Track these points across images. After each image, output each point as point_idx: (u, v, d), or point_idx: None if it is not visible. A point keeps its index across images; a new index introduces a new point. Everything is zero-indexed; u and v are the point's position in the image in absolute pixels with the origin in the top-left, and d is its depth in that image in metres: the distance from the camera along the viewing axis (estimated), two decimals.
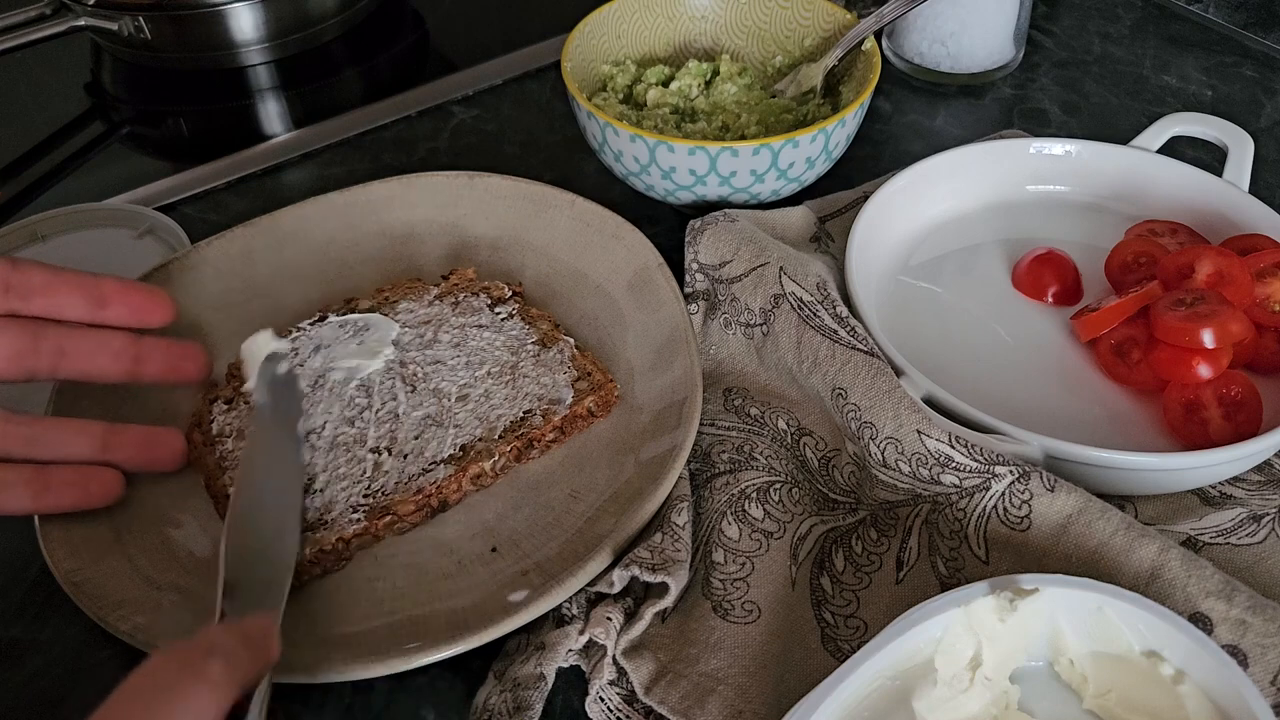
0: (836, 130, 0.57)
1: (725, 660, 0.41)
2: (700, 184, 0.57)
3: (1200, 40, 0.79)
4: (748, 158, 0.55)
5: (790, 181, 0.58)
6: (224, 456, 0.47)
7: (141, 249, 0.61)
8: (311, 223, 0.58)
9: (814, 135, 0.56)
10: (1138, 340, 0.51)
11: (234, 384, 0.51)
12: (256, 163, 0.69)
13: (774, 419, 0.50)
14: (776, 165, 0.56)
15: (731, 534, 0.45)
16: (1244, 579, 0.42)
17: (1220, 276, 0.51)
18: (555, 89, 0.76)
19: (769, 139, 0.55)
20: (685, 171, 0.56)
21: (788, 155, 0.56)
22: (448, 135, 0.72)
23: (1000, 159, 0.61)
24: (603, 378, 0.50)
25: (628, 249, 0.56)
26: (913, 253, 0.59)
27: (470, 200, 0.60)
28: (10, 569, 0.46)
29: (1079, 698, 0.39)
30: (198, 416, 0.50)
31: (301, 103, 0.77)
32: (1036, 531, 0.43)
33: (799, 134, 0.55)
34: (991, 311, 0.56)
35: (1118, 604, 0.37)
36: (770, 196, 0.59)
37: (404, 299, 0.54)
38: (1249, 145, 0.59)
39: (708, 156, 0.55)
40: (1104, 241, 0.57)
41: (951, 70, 0.74)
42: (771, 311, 0.51)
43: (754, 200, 0.59)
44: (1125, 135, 0.62)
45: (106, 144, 0.73)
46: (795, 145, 0.56)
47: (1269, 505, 0.46)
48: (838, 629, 0.43)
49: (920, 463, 0.45)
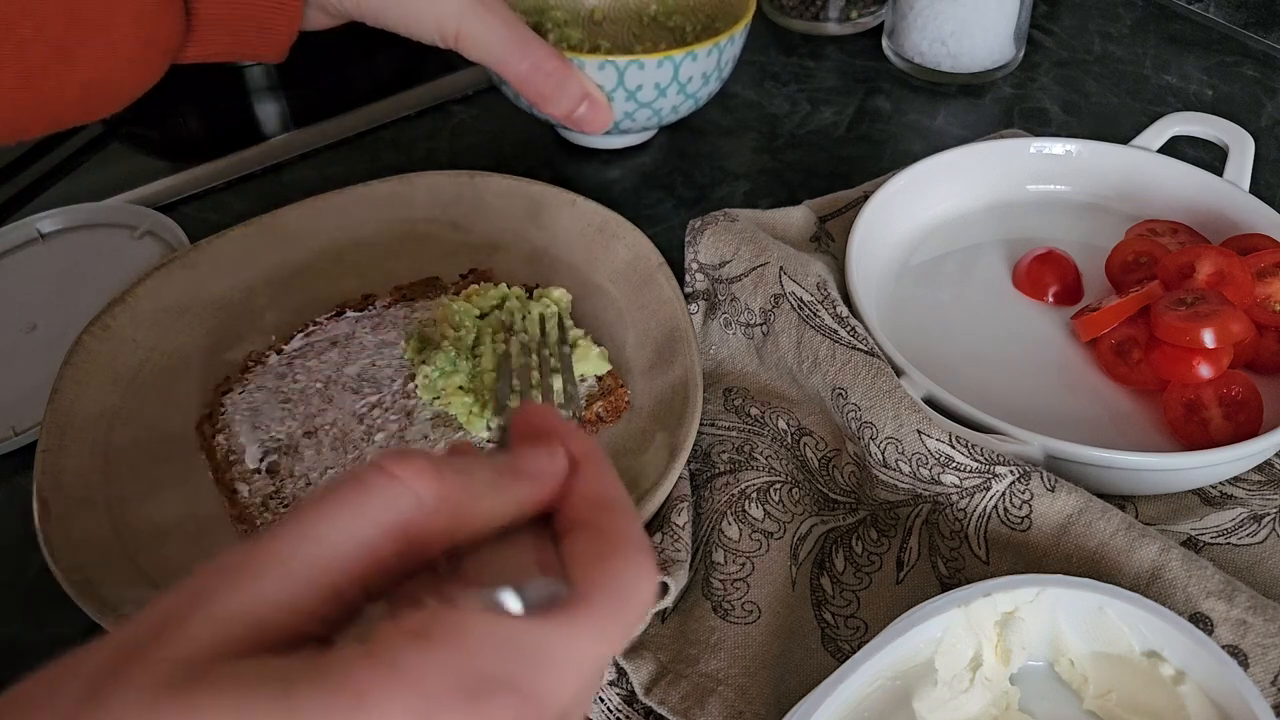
0: (728, 47, 0.62)
1: (725, 660, 0.41)
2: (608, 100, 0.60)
3: (1201, 40, 0.79)
4: (653, 70, 0.59)
5: (688, 99, 0.63)
6: (233, 449, 0.48)
7: (141, 249, 0.61)
8: (311, 222, 0.58)
9: (709, 49, 0.61)
10: (1138, 340, 0.51)
11: (244, 377, 0.51)
12: (256, 163, 0.69)
13: (774, 419, 0.50)
14: (678, 79, 0.61)
15: (731, 534, 0.45)
16: (1244, 579, 0.42)
17: (1221, 276, 0.51)
18: None
19: (670, 51, 0.59)
20: None
21: (687, 69, 0.61)
22: (448, 135, 0.72)
23: (1000, 159, 0.61)
24: (613, 383, 0.50)
25: (628, 249, 0.56)
26: (913, 253, 0.59)
27: (470, 200, 0.60)
28: (10, 569, 0.46)
29: (1079, 698, 0.39)
30: (208, 408, 0.50)
31: (301, 103, 0.77)
32: (1037, 532, 0.43)
33: (697, 47, 0.60)
34: (992, 311, 0.56)
35: (1118, 604, 0.37)
36: (670, 115, 0.63)
37: (421, 297, 0.55)
38: (1249, 145, 0.59)
39: (616, 70, 0.58)
40: (1104, 241, 0.57)
41: (952, 70, 0.74)
42: (771, 311, 0.51)
43: (656, 119, 0.63)
44: (1126, 135, 0.62)
45: (106, 144, 0.73)
46: (694, 59, 0.60)
47: (1269, 505, 0.46)
48: (838, 629, 0.43)
49: (920, 463, 0.44)
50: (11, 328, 0.57)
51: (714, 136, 0.71)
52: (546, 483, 0.26)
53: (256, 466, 0.47)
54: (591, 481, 0.26)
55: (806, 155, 0.69)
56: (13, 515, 0.48)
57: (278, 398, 0.50)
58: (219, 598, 0.21)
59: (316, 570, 0.22)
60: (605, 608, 0.23)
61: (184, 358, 0.52)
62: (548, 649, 0.22)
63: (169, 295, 0.54)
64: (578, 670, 0.23)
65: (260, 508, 0.45)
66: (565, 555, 0.25)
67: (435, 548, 0.24)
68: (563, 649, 0.22)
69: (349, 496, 0.23)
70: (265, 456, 0.47)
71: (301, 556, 0.22)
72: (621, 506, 0.26)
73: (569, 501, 0.26)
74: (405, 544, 0.23)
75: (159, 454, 0.48)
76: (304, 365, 0.51)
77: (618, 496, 0.26)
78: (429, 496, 0.23)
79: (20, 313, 0.57)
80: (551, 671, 0.22)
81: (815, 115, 0.73)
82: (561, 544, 0.25)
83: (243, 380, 0.51)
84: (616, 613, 0.24)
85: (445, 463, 0.24)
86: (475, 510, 0.24)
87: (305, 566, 0.21)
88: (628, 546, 0.25)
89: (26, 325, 0.57)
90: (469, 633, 0.21)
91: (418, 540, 0.23)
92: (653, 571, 0.25)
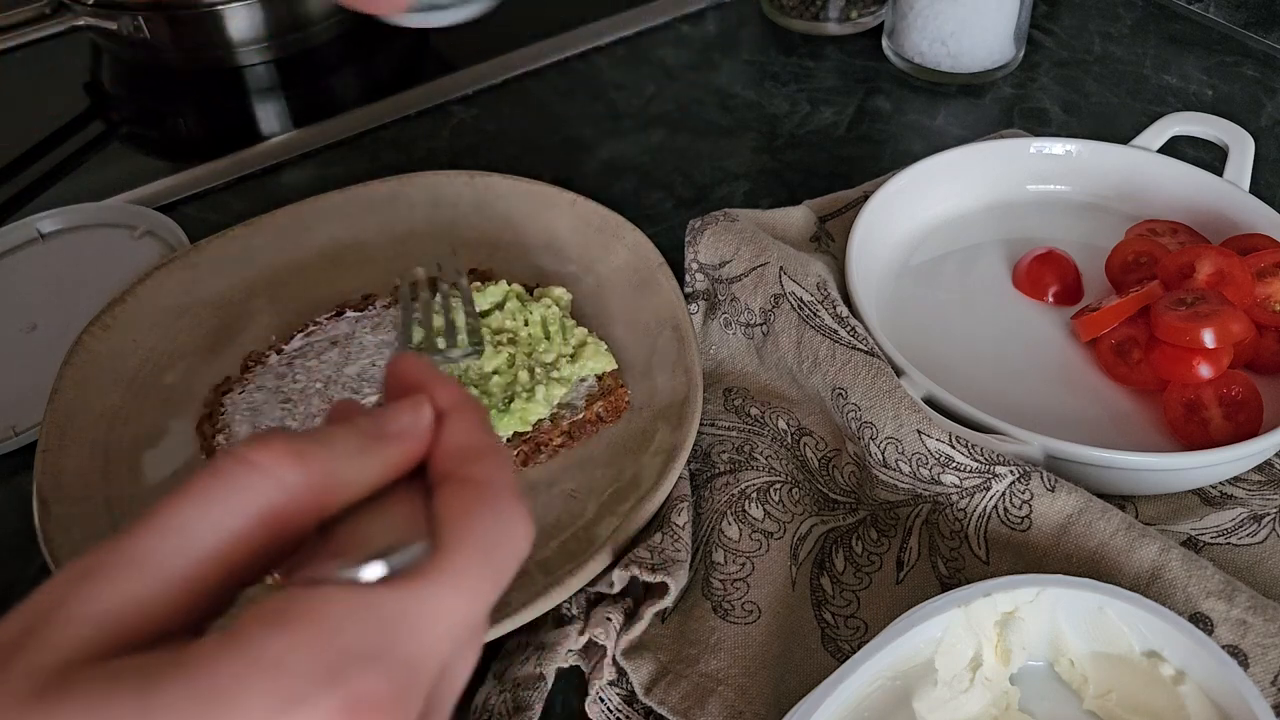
0: None
1: (725, 661, 0.41)
2: None
3: (1201, 40, 0.79)
4: None
5: None
6: None
7: (141, 249, 0.61)
8: (311, 222, 0.58)
9: None
10: (1138, 340, 0.51)
11: (244, 377, 0.51)
12: (256, 163, 0.69)
13: (774, 419, 0.50)
14: None
15: (731, 534, 0.45)
16: (1244, 579, 0.42)
17: (1221, 276, 0.51)
18: (555, 88, 0.76)
19: None
20: None
21: None
22: (447, 135, 0.72)
23: (1000, 159, 0.61)
24: (613, 383, 0.50)
25: (628, 249, 0.56)
26: (913, 253, 0.59)
27: (470, 200, 0.60)
28: (10, 569, 0.46)
29: (1079, 698, 0.39)
30: (208, 408, 0.50)
31: (301, 102, 0.77)
32: (1037, 532, 0.43)
33: None
34: (992, 311, 0.56)
35: (1118, 604, 0.37)
36: None
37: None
38: (1249, 145, 0.59)
39: None
40: (1104, 241, 0.57)
41: (952, 70, 0.74)
42: (771, 311, 0.51)
43: None
44: (1126, 135, 0.62)
45: (106, 144, 0.73)
46: None
47: (1269, 505, 0.46)
48: (838, 629, 0.43)
49: (920, 463, 0.44)
50: (11, 328, 0.57)
51: (714, 136, 0.71)
52: (412, 442, 0.25)
53: None
54: (459, 432, 0.26)
55: (806, 155, 0.69)
56: (13, 515, 0.48)
57: (278, 398, 0.50)
58: (79, 599, 0.20)
59: (177, 565, 0.21)
60: (469, 561, 0.23)
61: (184, 358, 0.52)
62: (409, 614, 0.21)
63: (169, 295, 0.54)
64: (447, 629, 0.22)
65: None
66: (433, 510, 0.24)
67: (307, 525, 0.23)
68: (426, 611, 0.22)
69: (207, 488, 0.22)
70: None
71: (161, 550, 0.21)
72: (489, 454, 0.25)
73: (437, 454, 0.25)
74: (274, 528, 0.22)
75: (159, 454, 0.49)
76: (304, 365, 0.51)
77: (486, 444, 0.26)
78: (292, 479, 0.23)
79: (20, 313, 0.57)
80: (415, 636, 0.21)
81: (815, 115, 0.73)
82: (432, 499, 0.24)
83: (243, 380, 0.51)
84: (482, 565, 0.23)
85: (306, 439, 0.23)
86: (342, 482, 0.24)
87: (164, 561, 0.21)
88: (493, 495, 0.24)
89: (26, 325, 0.57)
90: (326, 611, 0.21)
91: (287, 523, 0.23)
92: (523, 520, 0.24)
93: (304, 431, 0.24)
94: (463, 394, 0.27)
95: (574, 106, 0.74)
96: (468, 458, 0.25)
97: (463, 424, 0.26)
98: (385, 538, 0.23)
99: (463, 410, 0.26)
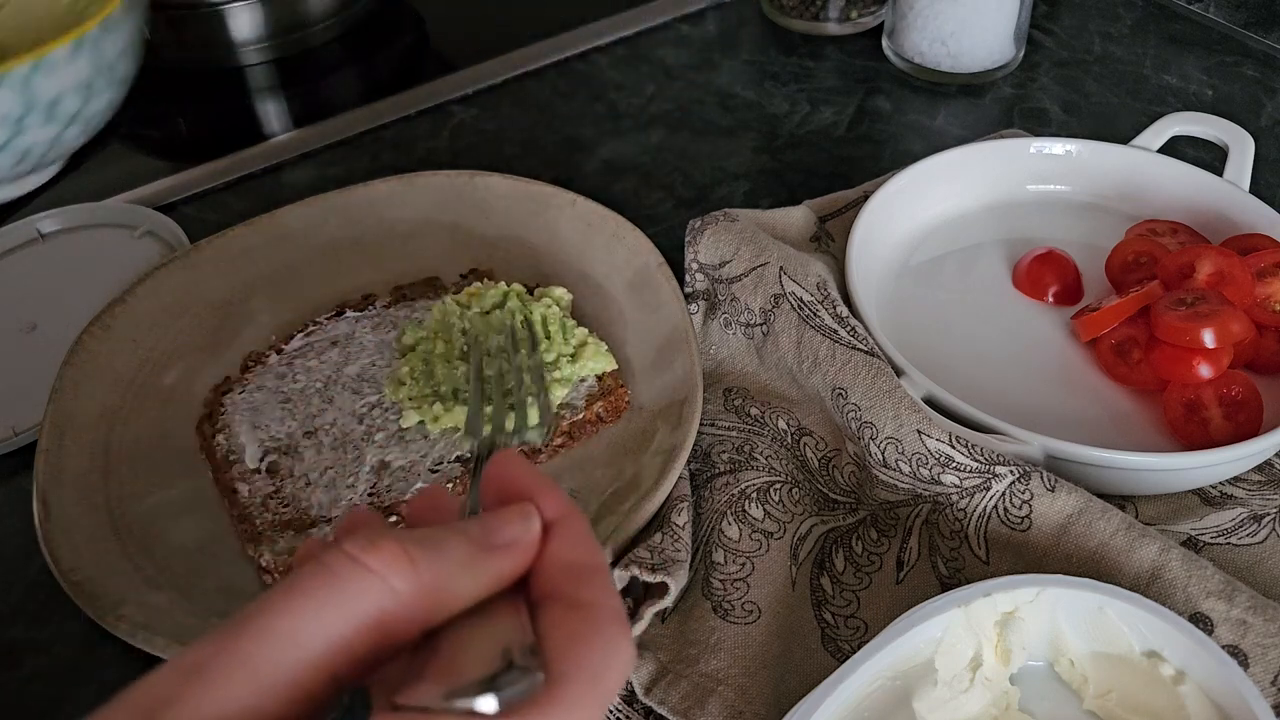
0: None
1: (725, 660, 0.41)
2: None
3: (1201, 40, 0.79)
4: None
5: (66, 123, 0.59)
6: (233, 449, 0.48)
7: (141, 249, 0.61)
8: (311, 222, 0.58)
9: None
10: (1138, 340, 0.51)
11: (245, 377, 0.51)
12: (256, 163, 0.69)
13: (774, 419, 0.50)
14: None
15: (731, 534, 0.45)
16: (1244, 579, 0.42)
17: (1221, 276, 0.51)
18: (555, 88, 0.76)
19: None
20: None
21: None
22: (447, 135, 0.72)
23: (1000, 159, 0.61)
24: (613, 383, 0.50)
25: (628, 249, 0.56)
26: (913, 253, 0.59)
27: (470, 200, 0.60)
28: (10, 569, 0.46)
29: (1079, 698, 0.39)
30: (208, 408, 0.50)
31: (301, 102, 0.77)
32: (1037, 532, 0.43)
33: None
34: (992, 311, 0.56)
35: (1118, 604, 0.37)
36: None
37: (422, 297, 0.55)
38: (1249, 145, 0.59)
39: None
40: (1104, 241, 0.57)
41: (952, 70, 0.74)
42: (771, 311, 0.51)
43: None
44: (1125, 135, 0.62)
45: (106, 144, 0.73)
46: None
47: (1269, 505, 0.46)
48: (838, 629, 0.43)
49: (920, 463, 0.44)
50: (11, 328, 0.57)
51: (714, 136, 0.71)
52: (522, 553, 0.25)
53: (256, 466, 0.47)
54: (565, 547, 0.25)
55: (806, 155, 0.69)
56: (13, 515, 0.48)
57: (278, 398, 0.50)
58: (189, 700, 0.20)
59: (284, 670, 0.21)
60: (581, 692, 0.22)
61: (184, 358, 0.53)
62: None
63: (169, 295, 0.54)
64: None
65: (260, 507, 0.45)
66: (540, 630, 0.23)
67: (412, 633, 0.23)
68: None
69: (318, 589, 0.22)
70: (265, 456, 0.47)
71: (269, 656, 0.21)
72: (597, 573, 0.25)
73: (543, 568, 0.25)
74: (381, 634, 0.22)
75: (159, 454, 0.49)
76: (304, 365, 0.51)
77: (593, 562, 0.25)
78: (404, 586, 0.22)
79: (20, 313, 0.58)
80: None
81: (815, 115, 0.73)
82: (536, 616, 0.24)
83: (243, 380, 0.51)
84: (593, 694, 0.23)
85: (418, 546, 0.23)
86: (453, 593, 0.23)
87: (273, 666, 0.21)
88: (604, 622, 0.24)
89: (26, 325, 0.57)
90: None
91: (393, 629, 0.22)
92: (629, 644, 0.24)
93: (415, 533, 0.24)
94: (569, 504, 0.26)
95: (574, 106, 0.74)
96: (576, 577, 0.25)
97: (569, 537, 0.25)
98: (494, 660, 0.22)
99: (570, 522, 0.26)
